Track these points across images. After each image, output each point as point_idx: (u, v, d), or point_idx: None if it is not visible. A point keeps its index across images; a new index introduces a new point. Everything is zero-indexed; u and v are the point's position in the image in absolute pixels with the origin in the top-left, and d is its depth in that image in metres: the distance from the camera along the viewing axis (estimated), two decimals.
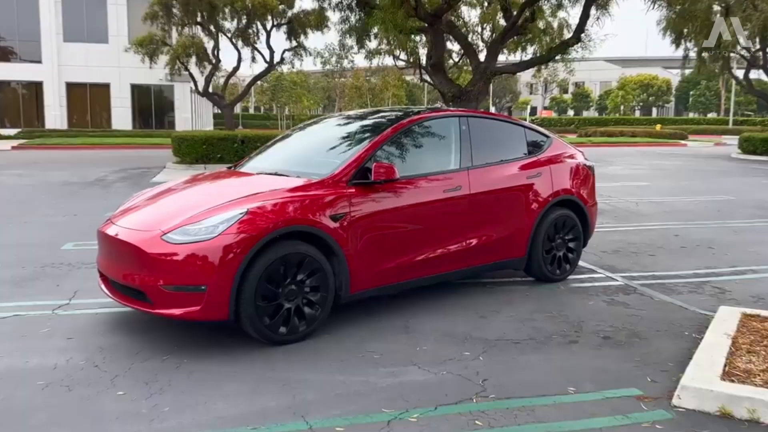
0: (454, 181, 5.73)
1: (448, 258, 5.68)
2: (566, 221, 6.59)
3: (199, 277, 4.47)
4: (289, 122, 60.51)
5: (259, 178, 5.50)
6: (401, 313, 5.49)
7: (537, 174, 6.38)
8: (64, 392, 3.95)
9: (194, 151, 19.48)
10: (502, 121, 6.60)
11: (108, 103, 39.27)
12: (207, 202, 4.94)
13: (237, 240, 4.50)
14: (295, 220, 4.77)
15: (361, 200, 5.11)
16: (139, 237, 4.70)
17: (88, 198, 12.88)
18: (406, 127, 5.68)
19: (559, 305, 5.81)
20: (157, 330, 5.04)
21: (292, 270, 4.73)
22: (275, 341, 4.71)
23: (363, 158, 5.27)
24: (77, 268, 7.03)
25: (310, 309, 4.84)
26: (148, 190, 5.88)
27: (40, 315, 5.41)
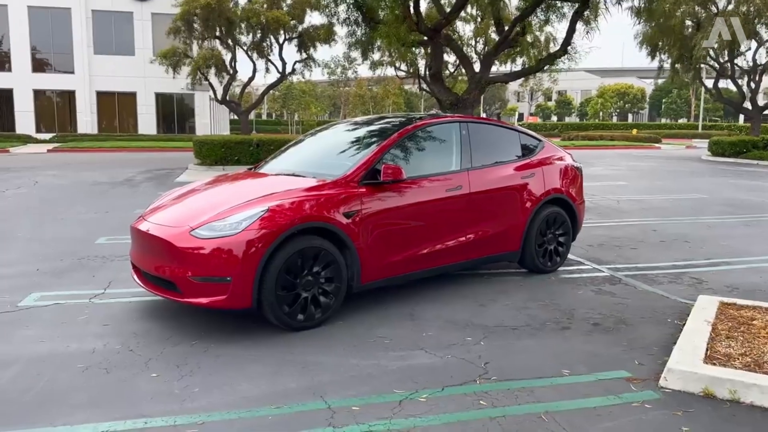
0: (455, 181, 5.69)
1: (450, 251, 5.64)
2: (557, 218, 6.55)
3: (225, 269, 4.43)
4: (299, 127, 60.42)
5: (278, 178, 5.46)
6: (407, 302, 5.45)
7: (530, 174, 6.34)
8: (102, 374, 3.92)
9: (213, 154, 19.44)
10: (498, 126, 6.57)
11: (134, 110, 39.18)
12: (231, 201, 4.91)
13: (259, 235, 4.47)
14: (312, 216, 4.73)
15: (371, 199, 5.07)
16: (169, 232, 4.67)
17: (118, 196, 12.83)
18: (412, 131, 5.64)
19: (551, 294, 5.77)
20: (185, 317, 5.01)
21: (309, 262, 4.70)
22: (294, 327, 4.68)
23: (373, 160, 5.23)
24: (110, 260, 7.00)
25: (325, 298, 4.81)
26: (176, 190, 5.84)
27: (77, 303, 5.38)
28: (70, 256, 7.14)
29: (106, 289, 5.81)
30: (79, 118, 38.30)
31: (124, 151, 28.47)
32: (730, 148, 25.45)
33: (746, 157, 24.59)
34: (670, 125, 69.57)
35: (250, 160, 19.61)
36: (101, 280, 6.12)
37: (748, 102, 29.16)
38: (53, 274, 6.37)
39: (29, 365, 4.05)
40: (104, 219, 9.86)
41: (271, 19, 26.66)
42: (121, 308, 5.28)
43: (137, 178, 16.65)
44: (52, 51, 37.65)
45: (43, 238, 8.26)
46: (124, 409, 3.47)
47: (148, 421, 3.34)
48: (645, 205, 12.16)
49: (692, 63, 24.83)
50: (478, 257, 5.97)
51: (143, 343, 4.45)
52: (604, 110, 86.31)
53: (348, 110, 64.55)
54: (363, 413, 3.42)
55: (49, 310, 5.19)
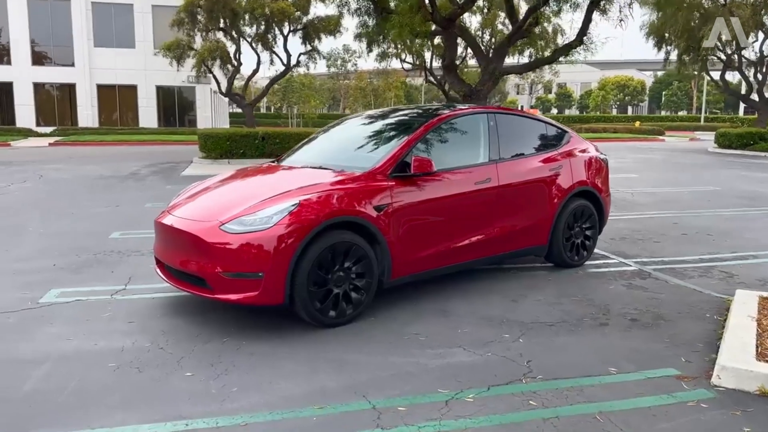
0: (484, 173, 5.57)
1: (479, 245, 5.53)
2: (584, 211, 6.44)
3: (256, 264, 4.32)
4: (299, 121, 60.14)
5: (305, 171, 5.33)
6: (437, 298, 5.34)
7: (558, 167, 6.22)
8: (135, 373, 3.81)
9: (219, 147, 19.29)
10: (525, 117, 6.43)
11: (135, 103, 38.94)
12: (259, 194, 4.79)
13: (291, 230, 4.35)
14: (343, 210, 4.61)
15: (401, 192, 4.95)
16: (198, 227, 4.55)
17: (125, 190, 12.69)
18: (440, 123, 5.51)
19: (582, 289, 5.66)
20: (212, 313, 4.89)
21: (340, 257, 4.58)
22: (325, 324, 4.57)
23: (401, 153, 5.11)
24: (127, 255, 6.88)
25: (356, 294, 4.69)
26: (199, 183, 5.70)
27: (99, 300, 5.26)
28: (86, 252, 7.02)
29: (127, 285, 5.70)
30: (79, 111, 38.05)
31: (126, 145, 28.28)
32: (738, 140, 25.33)
33: (754, 149, 24.47)
34: (672, 117, 69.40)
35: (255, 154, 19.47)
36: (120, 276, 6.00)
37: (755, 94, 29.05)
38: (70, 269, 6.25)
39: (59, 364, 3.94)
40: (115, 213, 9.73)
41: (276, 11, 26.44)
42: (145, 304, 5.16)
43: (142, 172, 16.51)
44: (51, 44, 37.35)
45: (56, 232, 8.13)
46: (162, 410, 3.35)
47: (190, 423, 3.22)
48: (659, 197, 12.05)
49: (699, 54, 24.69)
50: (506, 252, 5.86)
51: (173, 341, 4.34)
52: (605, 102, 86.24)
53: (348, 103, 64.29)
54: (410, 414, 3.31)
55: (71, 307, 5.07)
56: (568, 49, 14.83)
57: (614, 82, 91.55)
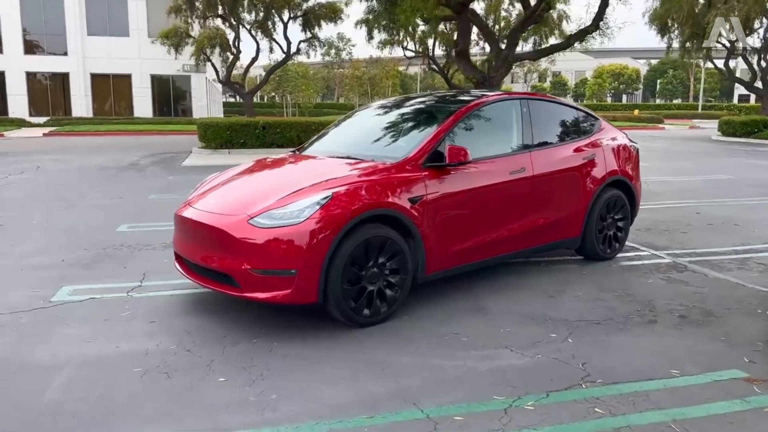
0: (518, 162, 5.31)
1: (513, 238, 5.28)
2: (617, 201, 6.19)
3: (289, 261, 4.05)
4: (294, 110, 59.62)
5: (333, 162, 5.04)
6: (469, 294, 5.09)
7: (591, 155, 5.96)
8: (163, 379, 3.54)
9: (219, 137, 18.95)
10: (557, 103, 6.14)
11: (130, 93, 38.41)
12: (287, 186, 4.51)
13: (324, 224, 4.08)
14: (378, 203, 4.34)
15: (435, 182, 4.68)
16: (224, 221, 4.27)
17: (127, 181, 12.37)
18: (473, 109, 5.22)
19: (621, 284, 5.42)
20: (236, 311, 4.63)
21: (374, 253, 4.31)
22: (359, 323, 4.31)
23: (435, 141, 4.83)
24: (138, 249, 6.59)
25: (390, 291, 4.43)
26: (219, 174, 5.40)
27: (115, 298, 4.98)
28: (94, 246, 6.73)
29: (143, 282, 5.42)
30: (73, 101, 37.49)
31: (122, 135, 27.86)
32: (742, 128, 25.14)
33: (758, 137, 24.29)
34: (669, 105, 69.26)
35: (256, 144, 19.14)
36: (134, 272, 5.72)
37: (758, 81, 28.83)
38: (81, 265, 5.96)
39: (81, 370, 3.67)
40: (120, 205, 9.42)
41: None
42: (165, 302, 4.89)
43: (142, 162, 16.18)
44: (44, 32, 36.71)
45: (61, 226, 7.83)
46: (199, 421, 3.09)
47: None
48: (675, 186, 11.82)
49: (704, 41, 24.40)
50: (539, 245, 5.61)
51: (199, 342, 4.07)
52: (601, 91, 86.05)
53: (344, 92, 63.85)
54: (469, 424, 3.06)
55: (85, 306, 4.79)
56: (583, 34, 14.51)
57: (609, 71, 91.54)
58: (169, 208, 9.17)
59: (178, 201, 10.20)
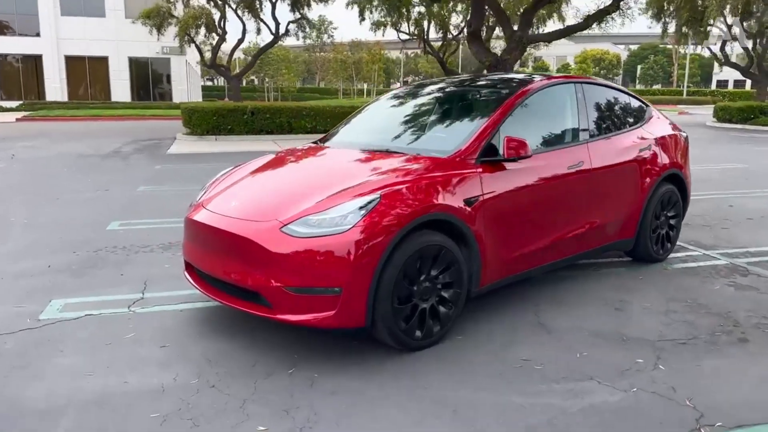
0: (576, 155, 4.70)
1: (569, 241, 4.68)
2: (671, 197, 5.62)
3: (332, 277, 3.39)
4: (276, 95, 58.44)
5: (369, 156, 4.38)
6: (524, 306, 4.49)
7: (647, 146, 5.36)
8: (189, 428, 2.88)
9: (204, 123, 18.14)
10: (609, 87, 5.50)
11: (107, 76, 37.14)
12: (322, 185, 3.84)
13: (373, 232, 3.42)
14: (433, 206, 3.70)
15: (492, 180, 4.05)
16: (251, 228, 3.59)
17: (111, 171, 11.57)
18: (529, 95, 4.57)
19: (686, 292, 4.84)
20: (262, 331, 3.97)
21: (427, 265, 3.68)
22: (411, 347, 3.69)
23: (488, 132, 4.19)
24: (134, 252, 5.88)
25: (443, 308, 3.80)
26: (234, 170, 4.69)
27: (115, 315, 4.30)
28: (84, 247, 6.01)
29: (145, 293, 4.73)
30: (47, 84, 36.18)
31: (100, 120, 26.81)
32: (738, 114, 24.82)
33: (754, 124, 23.98)
34: (653, 91, 69.15)
35: (244, 130, 18.36)
36: (134, 280, 5.02)
37: (755, 66, 28.55)
38: (71, 272, 5.25)
39: (84, 414, 3.00)
40: (107, 199, 8.66)
41: None
42: (174, 320, 4.21)
43: (125, 150, 15.33)
44: (15, 12, 35.25)
45: (44, 223, 7.07)
46: None
47: None
48: (693, 176, 11.28)
49: (702, 25, 24.04)
50: (594, 248, 5.01)
51: (224, 374, 3.41)
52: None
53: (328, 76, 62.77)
54: None
55: (81, 325, 4.10)
56: (603, 14, 13.88)
57: (590, 56, 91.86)
58: (162, 201, 8.45)
59: (170, 193, 9.54)
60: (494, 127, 4.21)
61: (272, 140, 17.89)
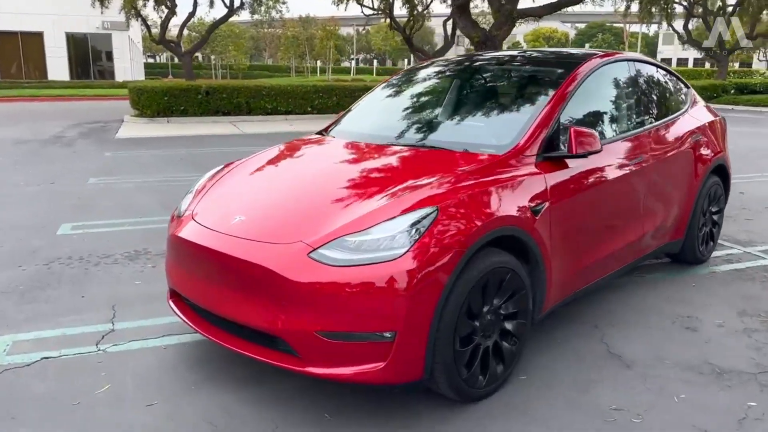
0: (637, 147, 4.00)
1: (629, 247, 4.01)
2: (716, 190, 5.02)
3: (384, 318, 2.59)
4: (225, 72, 56.35)
5: (404, 152, 3.54)
6: (581, 329, 3.78)
7: (697, 135, 4.71)
8: None
9: (155, 104, 16.84)
10: (656, 65, 4.77)
11: (42, 53, 34.78)
12: (353, 193, 3.03)
13: (434, 256, 2.63)
14: (500, 218, 2.92)
15: (557, 182, 3.30)
16: (268, 253, 2.73)
17: (55, 160, 10.36)
18: (586, 75, 3.79)
19: (754, 302, 4.23)
20: (270, 375, 3.14)
21: (492, 293, 2.91)
22: (473, 398, 2.93)
23: (548, 121, 3.42)
24: (94, 264, 4.93)
25: (507, 343, 3.06)
26: (232, 168, 3.72)
27: (81, 356, 3.40)
28: (31, 260, 5.02)
29: (115, 322, 3.83)
30: None
31: (36, 101, 24.95)
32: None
33: (717, 102, 24.01)
34: None
35: (198, 111, 17.14)
36: (98, 304, 4.10)
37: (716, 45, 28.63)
38: (17, 294, 4.29)
39: None
40: (53, 194, 7.57)
41: None
42: (158, 361, 3.34)
43: (68, 134, 14.00)
44: None
45: None
46: None
47: None
48: None
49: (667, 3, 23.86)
50: (647, 253, 4.34)
51: None
52: None
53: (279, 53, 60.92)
54: None
55: (37, 374, 3.19)
56: None
57: (540, 34, 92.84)
58: (119, 197, 7.42)
59: (128, 187, 8.45)
60: (553, 116, 3.45)
61: (230, 122, 16.80)
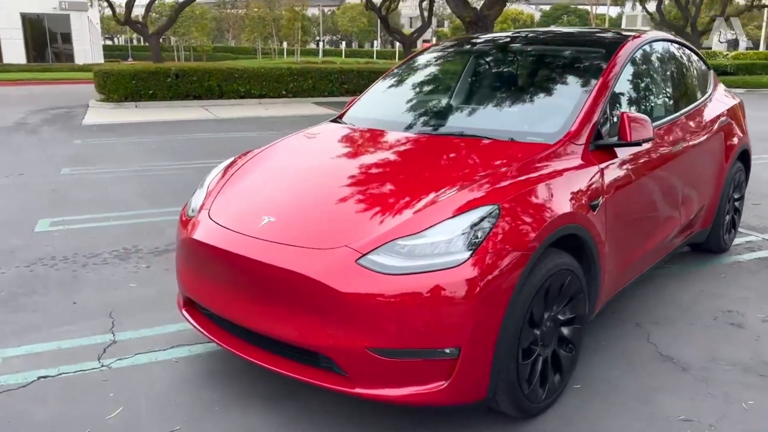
0: (677, 132, 3.77)
1: (668, 240, 3.80)
2: (740, 176, 4.84)
3: (446, 332, 2.29)
4: (188, 54, 54.85)
5: (442, 142, 3.22)
6: (623, 328, 3.56)
7: (725, 119, 4.51)
8: None
9: (122, 88, 16.12)
10: (683, 45, 4.51)
11: None
12: (395, 190, 2.72)
13: (499, 261, 2.34)
14: (563, 216, 2.64)
15: (610, 173, 3.03)
16: (309, 260, 2.39)
17: (21, 149, 9.76)
18: (629, 56, 3.50)
19: None
20: (307, 390, 2.83)
21: (552, 299, 2.64)
22: (533, 413, 2.67)
23: (597, 106, 3.14)
24: (82, 265, 4.53)
25: (564, 351, 2.80)
26: (241, 161, 3.36)
27: (82, 374, 3.03)
28: (11, 261, 4.59)
29: (115, 332, 3.47)
30: None
31: None
32: None
33: None
34: None
35: (168, 95, 16.50)
36: (94, 312, 3.72)
37: (689, 26, 28.79)
38: (1, 301, 3.87)
39: None
40: (25, 186, 7.06)
41: None
42: (171, 377, 3.00)
43: (31, 121, 13.29)
44: None
45: None
46: None
47: None
48: None
49: None
50: (680, 244, 4.13)
51: None
52: None
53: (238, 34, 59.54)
54: None
55: (36, 396, 2.83)
56: None
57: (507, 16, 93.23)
58: (98, 188, 6.94)
59: (105, 177, 7.90)
60: (601, 100, 3.17)
61: (202, 106, 16.21)
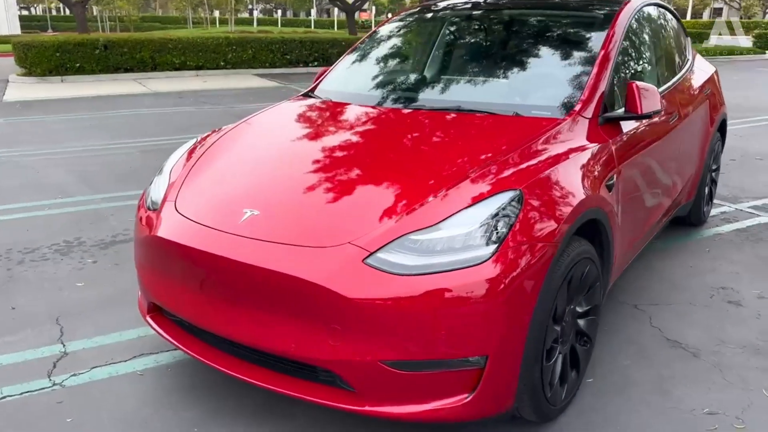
0: (671, 103, 3.59)
1: (663, 214, 3.66)
2: (718, 146, 4.74)
3: (470, 339, 2.00)
4: (113, 24, 52.15)
5: (442, 116, 2.89)
6: (622, 310, 3.38)
7: (707, 88, 4.37)
8: None
9: (45, 60, 15.00)
10: (668, 10, 4.28)
11: None
12: (398, 174, 2.40)
13: (527, 254, 2.06)
14: (588, 200, 2.39)
15: (619, 149, 2.80)
16: (307, 262, 2.03)
17: None
18: (628, 21, 3.23)
19: None
20: (285, 405, 2.51)
21: (574, 290, 2.39)
22: (553, 416, 2.43)
23: (602, 76, 2.88)
24: (18, 262, 4.03)
25: (580, 345, 2.57)
26: (209, 140, 2.93)
27: (31, 396, 2.62)
28: None
29: (65, 342, 3.04)
30: None
31: None
32: None
33: None
34: None
35: (97, 68, 15.49)
36: (37, 318, 3.27)
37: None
38: None
39: None
40: None
41: None
42: (137, 393, 2.62)
43: None
44: None
45: None
46: None
47: None
48: None
49: None
50: (668, 219, 3.98)
51: None
52: None
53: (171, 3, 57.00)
54: None
55: None
56: None
57: None
58: (28, 173, 6.29)
59: (36, 159, 7.19)
60: (605, 70, 2.92)
61: (134, 79, 15.30)
